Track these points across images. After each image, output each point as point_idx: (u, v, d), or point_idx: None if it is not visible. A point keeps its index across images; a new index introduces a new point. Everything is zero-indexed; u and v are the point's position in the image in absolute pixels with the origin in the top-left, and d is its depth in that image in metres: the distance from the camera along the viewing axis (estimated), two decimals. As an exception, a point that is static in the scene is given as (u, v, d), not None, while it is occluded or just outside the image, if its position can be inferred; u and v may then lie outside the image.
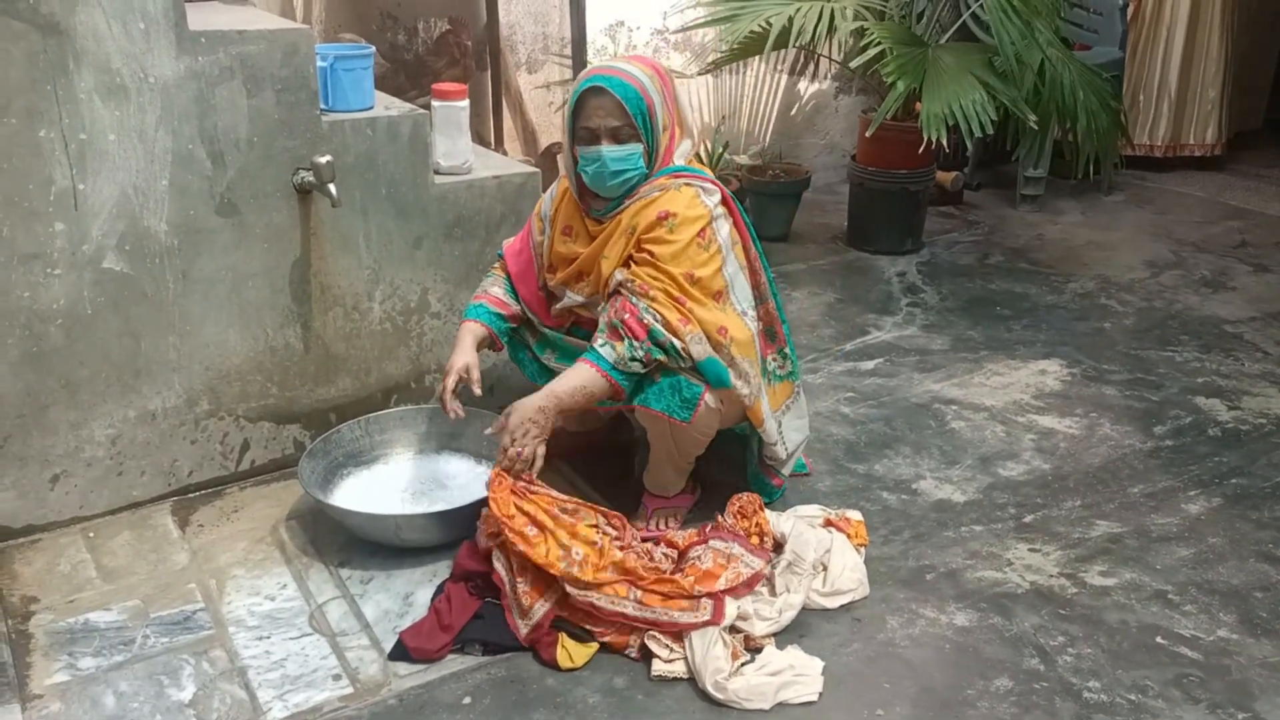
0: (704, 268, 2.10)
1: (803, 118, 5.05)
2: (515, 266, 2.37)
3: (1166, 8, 5.23)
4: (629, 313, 2.06)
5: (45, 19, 1.99)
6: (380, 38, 3.70)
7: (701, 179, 2.17)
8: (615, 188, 2.14)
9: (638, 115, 2.09)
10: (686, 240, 2.08)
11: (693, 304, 2.07)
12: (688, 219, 2.09)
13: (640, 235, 2.11)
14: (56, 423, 2.24)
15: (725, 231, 2.16)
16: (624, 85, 2.08)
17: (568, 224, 2.28)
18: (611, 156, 2.10)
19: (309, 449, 2.37)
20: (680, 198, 2.11)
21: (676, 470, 2.32)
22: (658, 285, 2.07)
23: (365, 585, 2.16)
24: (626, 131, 2.10)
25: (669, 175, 2.16)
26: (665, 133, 2.15)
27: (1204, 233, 4.60)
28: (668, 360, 2.07)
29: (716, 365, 2.09)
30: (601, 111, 2.09)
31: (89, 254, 2.17)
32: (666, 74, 2.18)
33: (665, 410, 2.10)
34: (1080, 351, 3.37)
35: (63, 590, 2.13)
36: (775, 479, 2.39)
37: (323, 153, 2.30)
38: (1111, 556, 2.31)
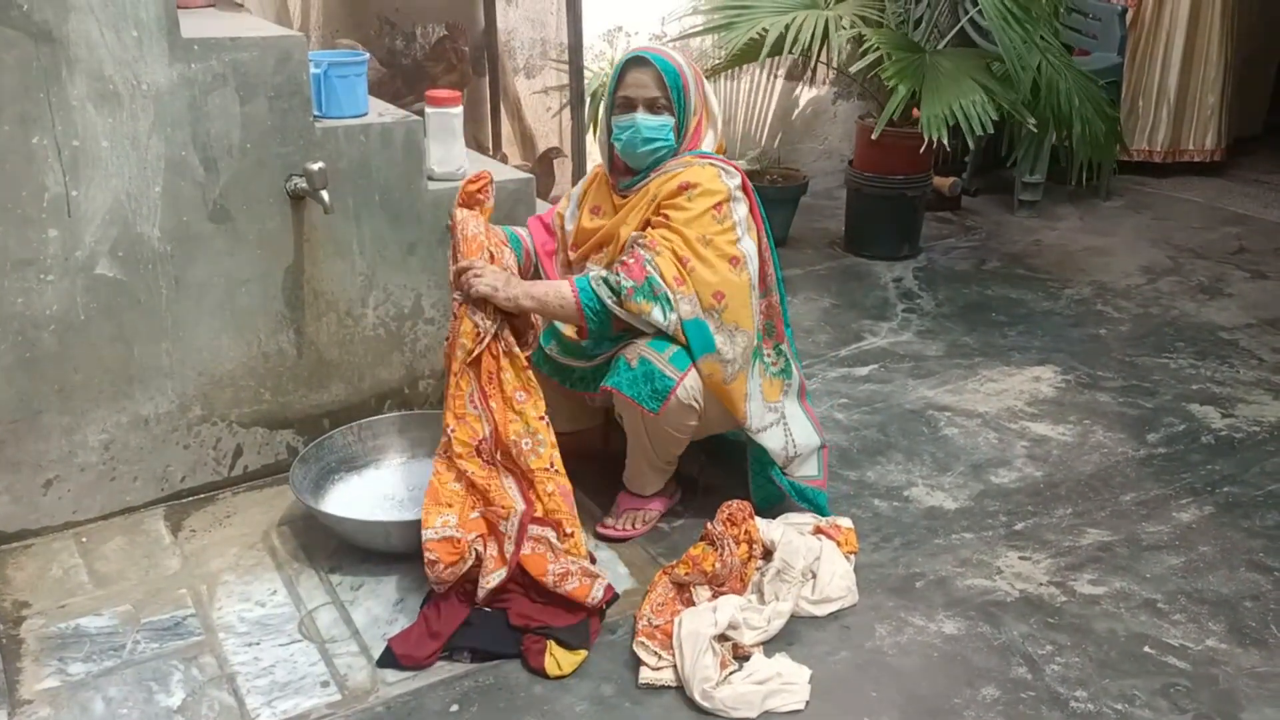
0: (719, 235, 2.17)
1: (801, 123, 5.06)
2: (535, 230, 2.48)
3: (1166, 13, 5.23)
4: (634, 259, 2.16)
5: (38, 26, 2.00)
6: (378, 43, 3.71)
7: (725, 162, 2.26)
8: (645, 155, 2.24)
9: (674, 89, 2.21)
10: (702, 209, 2.17)
11: (697, 263, 2.14)
12: (707, 191, 2.18)
13: (660, 201, 2.20)
14: (49, 428, 2.25)
15: (742, 213, 2.23)
16: (664, 61, 2.22)
17: (596, 204, 2.37)
18: (646, 124, 2.21)
19: (301, 454, 2.38)
20: (703, 173, 2.20)
21: (653, 469, 2.33)
22: (666, 243, 2.15)
23: (355, 591, 2.17)
24: (662, 103, 2.22)
25: (696, 155, 2.25)
26: (695, 116, 2.26)
27: (1202, 239, 4.60)
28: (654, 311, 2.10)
29: (703, 329, 2.14)
30: (641, 82, 2.22)
31: (82, 260, 2.18)
32: (700, 72, 2.31)
33: (634, 398, 2.14)
34: (1075, 358, 3.37)
35: (54, 595, 2.13)
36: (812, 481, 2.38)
37: (315, 159, 2.30)
38: (1101, 565, 2.31)
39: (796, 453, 2.34)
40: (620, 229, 2.27)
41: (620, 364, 2.16)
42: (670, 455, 2.32)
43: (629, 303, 2.12)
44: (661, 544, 2.35)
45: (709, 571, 2.05)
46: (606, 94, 2.31)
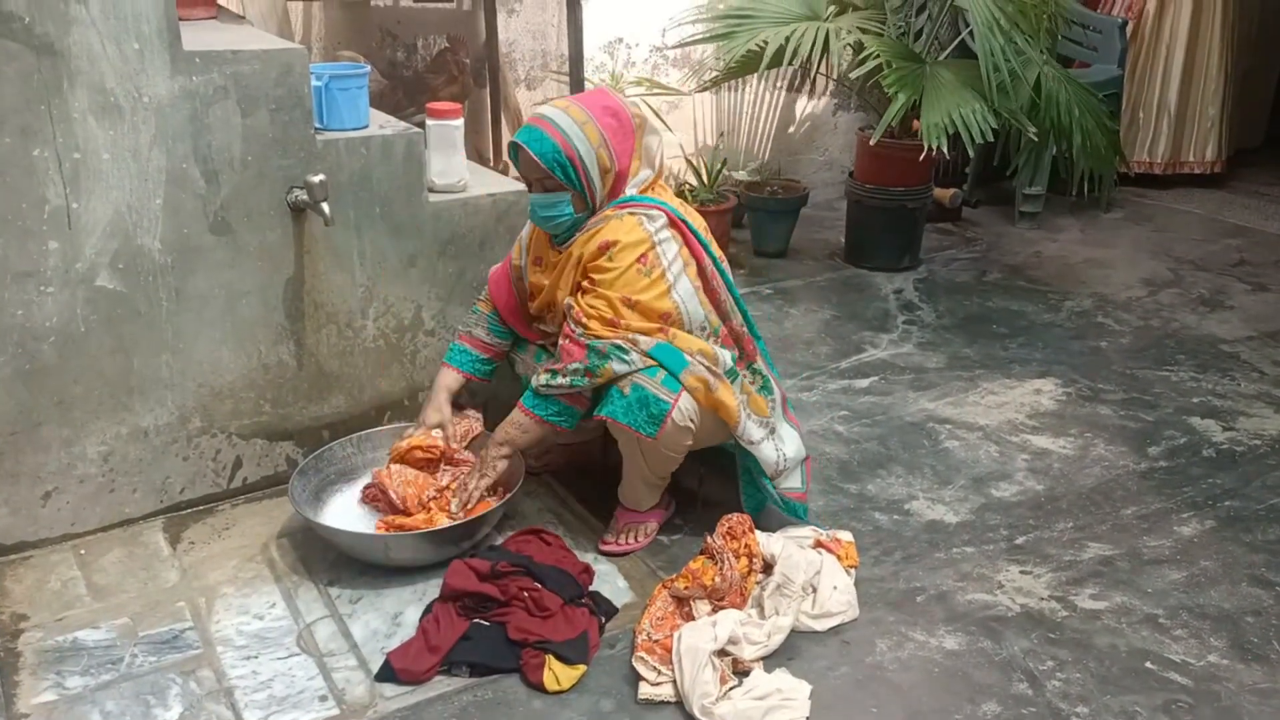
0: (644, 292, 2.14)
1: (801, 134, 5.06)
2: (498, 291, 2.46)
3: (1166, 26, 5.24)
4: (567, 336, 2.18)
5: (40, 39, 2.00)
6: (379, 55, 3.72)
7: (646, 206, 2.20)
8: (551, 229, 2.25)
9: (555, 168, 2.15)
10: (625, 266, 2.14)
11: (628, 321, 2.14)
12: (627, 245, 2.15)
13: (585, 264, 2.19)
14: (49, 440, 2.25)
15: (672, 253, 2.19)
16: (541, 140, 2.15)
17: (538, 255, 2.36)
18: (539, 203, 2.22)
19: (300, 466, 2.38)
20: (622, 226, 2.17)
21: (648, 485, 2.33)
22: (593, 311, 2.15)
23: (354, 605, 2.16)
24: (550, 182, 2.18)
25: (616, 206, 2.21)
26: (607, 175, 2.19)
27: (1202, 251, 4.60)
28: (615, 365, 2.11)
29: (667, 348, 2.14)
30: (526, 162, 2.20)
31: (82, 272, 2.18)
32: (626, 113, 2.21)
33: (631, 425, 2.13)
34: (1076, 371, 3.37)
35: (52, 608, 2.13)
36: (790, 493, 2.37)
37: (316, 171, 2.31)
38: (1103, 579, 2.30)
39: (786, 466, 2.33)
40: (557, 293, 2.27)
41: (613, 392, 2.14)
42: (665, 472, 2.32)
43: (595, 379, 2.13)
44: (661, 557, 2.34)
45: (709, 585, 2.05)
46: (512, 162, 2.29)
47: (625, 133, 2.20)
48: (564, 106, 2.20)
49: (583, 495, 2.54)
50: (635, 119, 2.23)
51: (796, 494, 2.39)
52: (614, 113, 2.20)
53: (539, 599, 2.03)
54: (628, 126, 2.21)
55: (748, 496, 2.39)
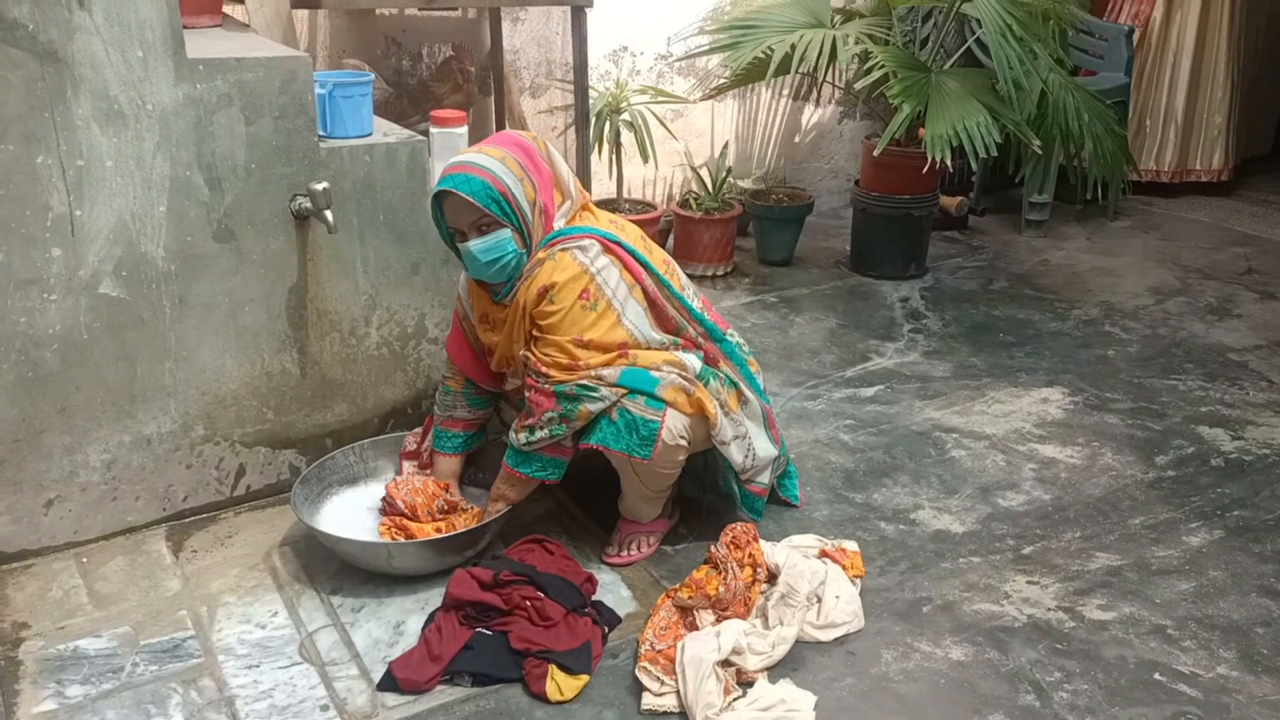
0: (593, 329, 2.12)
1: (807, 143, 5.06)
2: (462, 360, 2.43)
3: (1173, 33, 5.23)
4: (532, 388, 2.16)
5: (44, 46, 2.00)
6: (384, 63, 3.72)
7: (576, 238, 2.16)
8: (497, 274, 2.18)
9: (490, 204, 2.10)
10: (569, 305, 2.12)
11: (585, 360, 2.12)
12: (565, 284, 2.12)
13: (530, 313, 2.16)
14: (51, 447, 2.25)
15: (614, 280, 2.16)
16: (469, 181, 2.09)
17: (482, 314, 2.33)
18: (479, 249, 2.13)
19: (303, 475, 2.37)
20: (557, 266, 2.13)
21: (648, 501, 2.32)
22: (548, 359, 2.13)
23: (356, 613, 2.15)
24: (486, 221, 2.12)
25: (546, 246, 2.17)
26: (535, 206, 2.16)
27: (1210, 259, 4.58)
28: (589, 404, 2.11)
29: (636, 374, 2.13)
30: (457, 210, 2.13)
31: (85, 279, 2.17)
32: (533, 146, 2.19)
33: (624, 450, 2.12)
34: (1083, 379, 3.35)
35: (54, 616, 2.12)
36: (752, 487, 2.36)
37: (320, 179, 2.30)
38: (1110, 590, 2.28)
39: (754, 464, 2.32)
40: (512, 347, 2.24)
41: (601, 421, 2.13)
42: (663, 487, 2.31)
43: (573, 424, 2.12)
44: (664, 566, 2.33)
45: (713, 595, 2.03)
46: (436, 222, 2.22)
47: (538, 165, 2.18)
48: (477, 149, 2.17)
49: (586, 503, 2.53)
50: (541, 150, 2.21)
51: (758, 489, 2.38)
52: (523, 148, 2.17)
53: (542, 608, 2.02)
54: (537, 159, 2.18)
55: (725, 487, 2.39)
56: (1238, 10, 5.24)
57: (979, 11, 3.77)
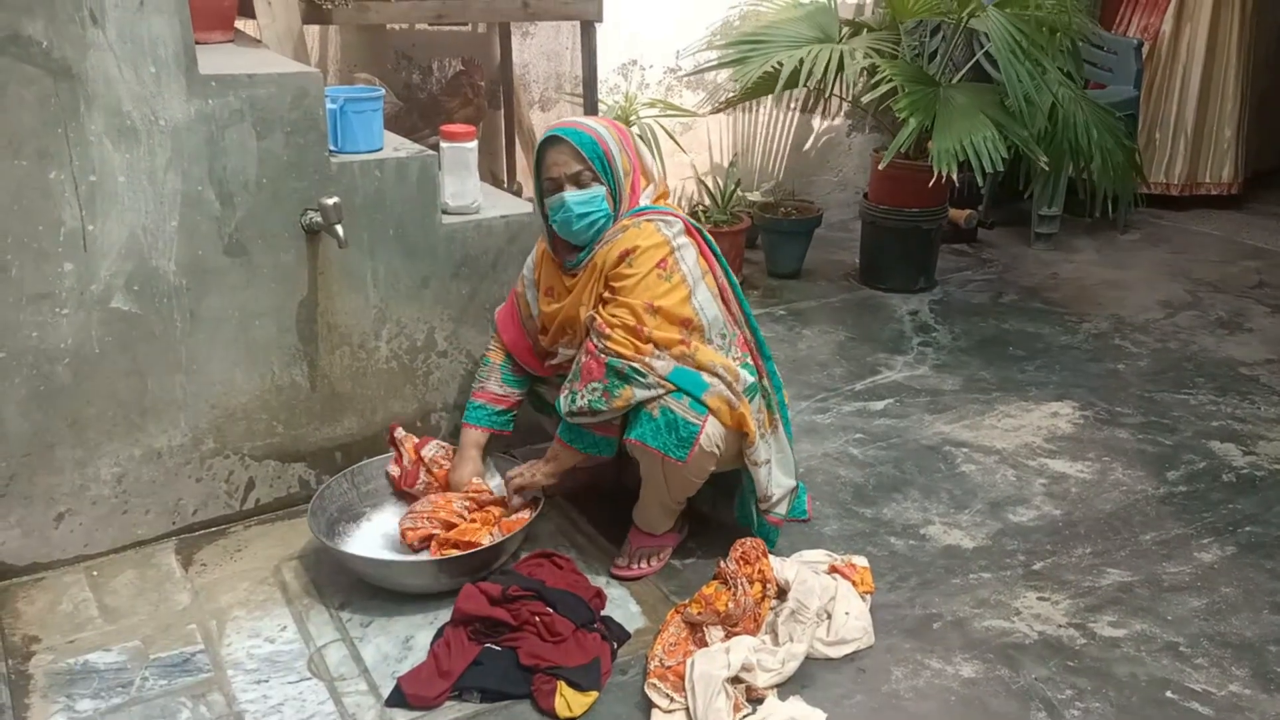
0: (666, 297, 2.14)
1: (815, 155, 5.06)
2: (509, 335, 2.47)
3: (1183, 46, 5.23)
4: (588, 352, 2.15)
5: (57, 63, 2.01)
6: (394, 77, 3.74)
7: (662, 213, 2.24)
8: (583, 231, 2.22)
9: (595, 159, 2.19)
10: (645, 271, 2.15)
11: (652, 329, 2.12)
12: (647, 250, 2.16)
13: (606, 274, 2.19)
14: (62, 461, 2.25)
15: (691, 259, 2.21)
16: (578, 134, 2.19)
17: (549, 285, 2.36)
18: (575, 200, 2.19)
19: (320, 490, 2.37)
20: (640, 233, 2.19)
21: (665, 510, 2.32)
22: (616, 320, 2.14)
23: (365, 628, 2.15)
24: (587, 175, 2.20)
25: (631, 216, 2.24)
26: (628, 177, 2.24)
27: (1221, 272, 4.56)
28: (635, 389, 2.10)
29: (686, 373, 2.13)
30: (561, 160, 2.20)
31: (97, 294, 2.18)
32: (625, 130, 2.29)
33: (661, 448, 2.12)
34: (1093, 393, 3.34)
35: (64, 630, 2.12)
36: (770, 518, 2.36)
37: (330, 194, 2.31)
38: (1122, 606, 2.27)
39: (770, 494, 2.31)
40: (578, 309, 2.25)
41: (642, 415, 2.13)
42: (684, 497, 2.31)
43: (613, 403, 2.12)
44: (674, 581, 2.32)
45: (722, 611, 2.03)
46: (534, 176, 2.29)
47: (630, 144, 2.27)
48: (578, 119, 2.28)
49: (595, 518, 2.53)
50: (633, 136, 2.30)
51: (775, 520, 2.37)
52: (620, 130, 2.28)
53: (551, 624, 2.01)
54: (629, 141, 2.28)
55: (741, 515, 2.39)
56: (1247, 22, 5.24)
57: (987, 26, 3.77)
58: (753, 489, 2.29)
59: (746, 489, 2.33)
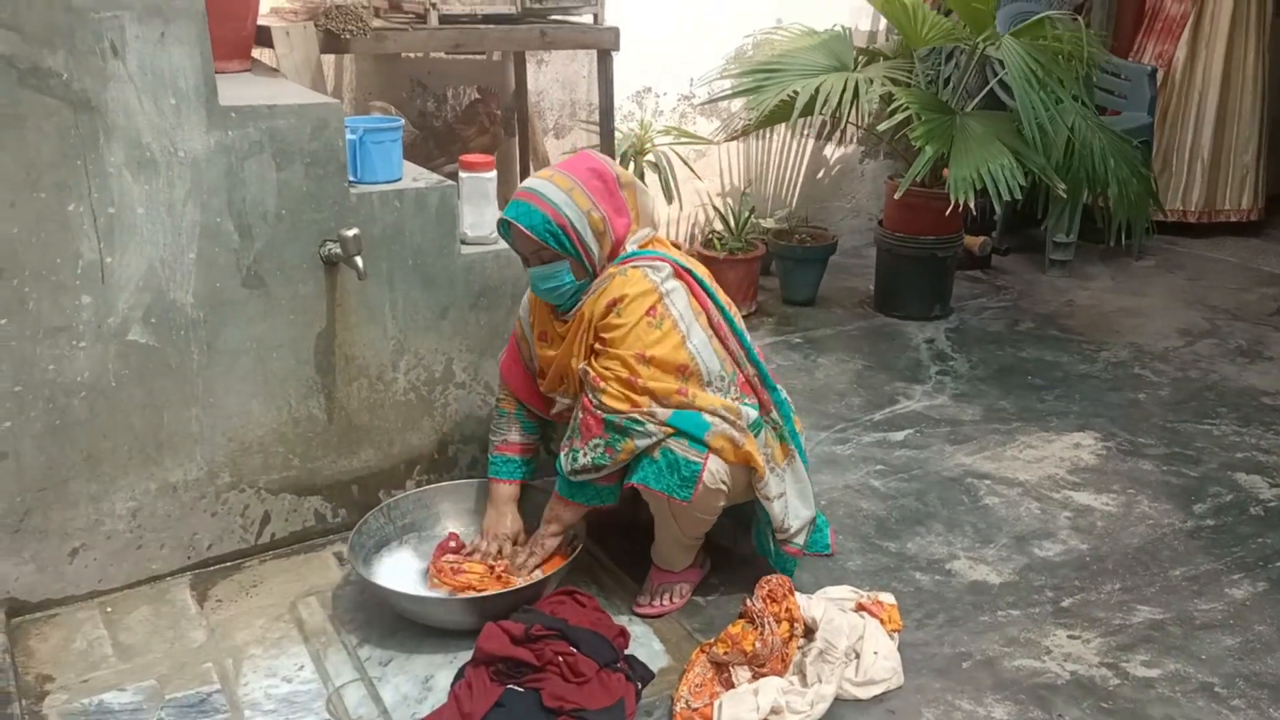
0: (658, 345, 2.10)
1: (829, 182, 5.05)
2: (515, 382, 2.43)
3: (1198, 73, 5.21)
4: (585, 409, 2.13)
5: (77, 95, 2.00)
6: (409, 105, 3.73)
7: (649, 258, 2.18)
8: (553, 299, 2.22)
9: (547, 237, 2.12)
10: (635, 320, 2.11)
11: (646, 380, 2.09)
12: (635, 298, 2.12)
13: (595, 325, 2.15)
14: (77, 495, 2.22)
15: (681, 302, 2.16)
16: (530, 214, 2.12)
17: (543, 330, 2.33)
18: (537, 275, 2.19)
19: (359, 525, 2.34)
20: (626, 281, 2.14)
21: (682, 547, 2.28)
22: (609, 373, 2.10)
23: (384, 667, 2.11)
24: (546, 253, 2.15)
25: (618, 264, 2.18)
26: (603, 238, 2.17)
27: (1238, 300, 4.53)
28: (637, 440, 2.08)
29: (687, 416, 2.10)
30: (517, 240, 2.18)
31: (115, 326, 2.16)
32: (610, 172, 2.20)
33: (664, 490, 2.09)
34: (1115, 424, 3.30)
35: (78, 668, 2.09)
36: (788, 548, 2.32)
37: (350, 225, 2.29)
38: (1154, 645, 2.23)
39: (788, 526, 2.27)
40: (570, 361, 2.22)
41: (643, 459, 2.11)
42: (699, 533, 2.28)
43: (617, 457, 2.10)
44: (697, 619, 2.29)
45: (749, 651, 1.99)
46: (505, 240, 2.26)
47: (612, 192, 2.19)
48: (548, 176, 2.18)
49: (616, 554, 2.49)
50: (622, 177, 2.23)
51: (794, 550, 2.33)
52: (599, 175, 2.19)
53: (574, 664, 1.97)
54: (613, 185, 2.20)
55: (758, 545, 2.36)
56: (1263, 49, 5.23)
57: (1003, 55, 3.76)
58: (768, 520, 2.26)
59: (762, 520, 2.29)
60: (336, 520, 2.56)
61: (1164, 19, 5.27)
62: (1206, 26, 5.18)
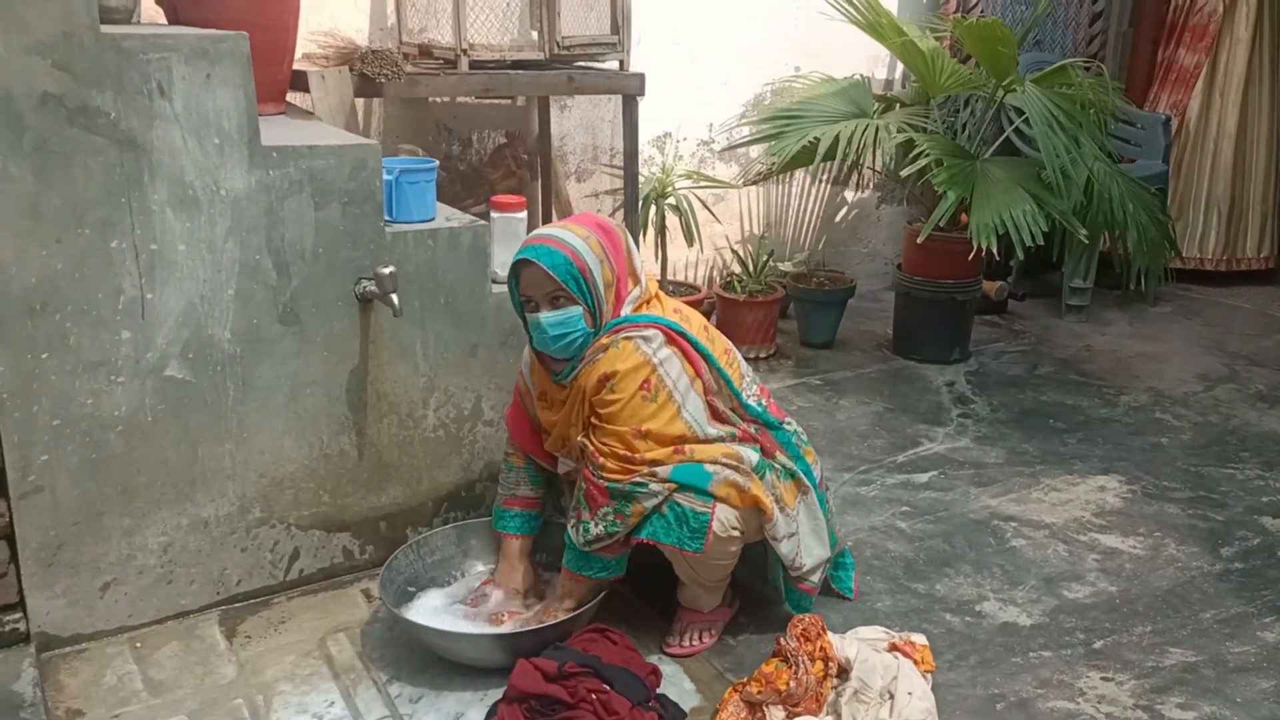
0: (653, 419, 2.11)
1: (845, 227, 5.09)
2: (522, 437, 2.44)
3: (1213, 122, 5.26)
4: (588, 480, 2.14)
5: (124, 134, 2.04)
6: (435, 149, 3.78)
7: (640, 326, 2.17)
8: (562, 350, 2.18)
9: (568, 280, 2.11)
10: (629, 396, 2.11)
11: (644, 452, 2.10)
12: (627, 374, 2.11)
13: (590, 400, 2.15)
14: (110, 530, 2.23)
15: (675, 370, 2.15)
16: (551, 254, 2.11)
17: (543, 391, 2.33)
18: (549, 321, 2.14)
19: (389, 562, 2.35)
20: (619, 354, 2.13)
21: (706, 591, 2.28)
22: (607, 449, 2.12)
23: (414, 704, 2.10)
24: (562, 297, 2.13)
25: (609, 332, 2.17)
26: (610, 289, 2.18)
27: (1256, 345, 4.54)
28: (644, 502, 2.09)
29: (689, 470, 2.11)
30: (535, 279, 2.14)
31: (153, 362, 2.18)
32: (615, 230, 2.22)
33: (675, 544, 2.10)
34: (1138, 467, 3.30)
35: (108, 704, 2.08)
36: (802, 585, 2.31)
37: (386, 263, 2.32)
38: (1188, 687, 2.21)
39: (801, 564, 2.26)
40: (569, 430, 2.23)
41: (651, 515, 2.12)
42: (719, 578, 2.27)
43: (628, 521, 2.11)
44: (727, 658, 2.28)
45: (783, 690, 1.98)
46: (509, 291, 2.23)
47: (617, 248, 2.20)
48: (561, 226, 2.20)
49: (645, 592, 2.48)
50: (620, 233, 2.23)
51: (808, 588, 2.32)
52: (605, 231, 2.20)
53: (607, 702, 1.96)
54: (618, 242, 2.21)
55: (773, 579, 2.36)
56: (1277, 97, 5.28)
57: (1023, 102, 3.81)
58: (778, 559, 2.25)
59: (774, 558, 2.29)
60: (364, 557, 2.57)
61: (1178, 69, 5.33)
62: (1220, 76, 5.24)
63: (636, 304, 2.23)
